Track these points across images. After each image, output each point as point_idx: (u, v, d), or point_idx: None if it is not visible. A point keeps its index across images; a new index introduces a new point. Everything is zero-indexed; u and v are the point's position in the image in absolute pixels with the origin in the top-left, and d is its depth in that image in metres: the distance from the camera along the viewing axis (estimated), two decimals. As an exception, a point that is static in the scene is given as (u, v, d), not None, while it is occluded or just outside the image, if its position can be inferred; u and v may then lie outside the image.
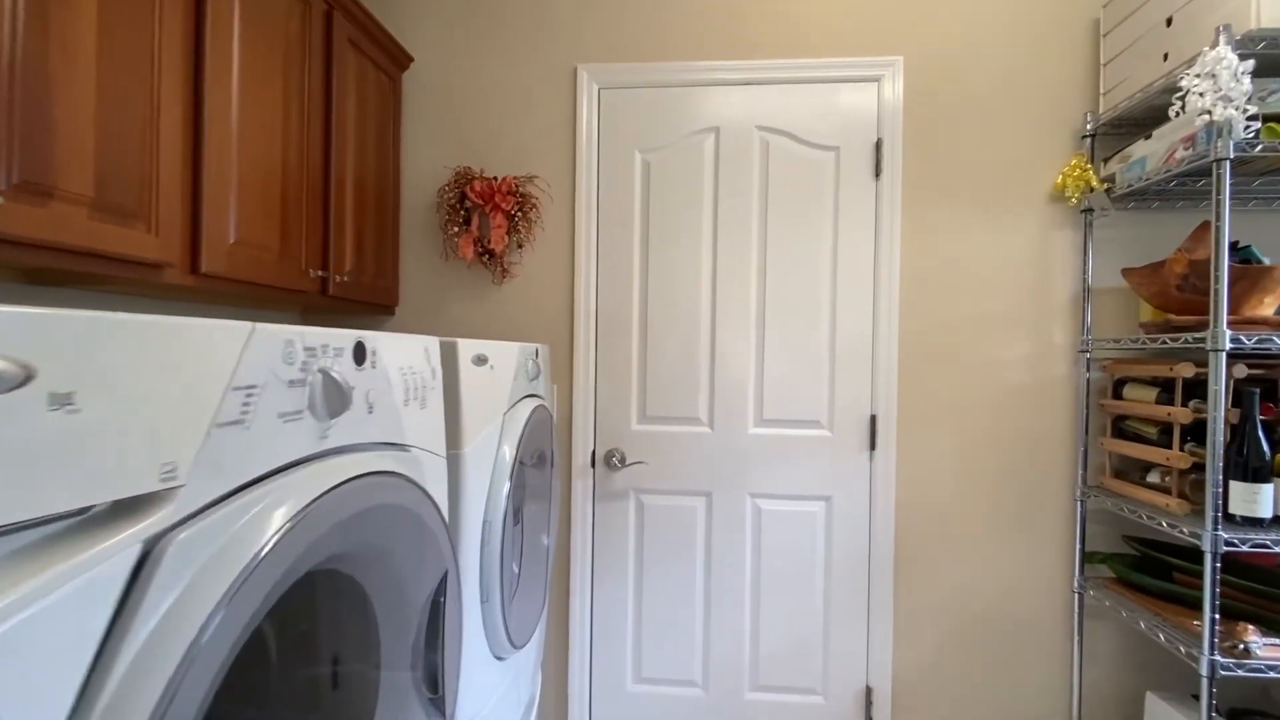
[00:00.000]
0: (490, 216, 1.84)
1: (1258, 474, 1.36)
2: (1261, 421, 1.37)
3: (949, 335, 1.82)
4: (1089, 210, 1.73)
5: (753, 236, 1.87)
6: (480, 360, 1.13)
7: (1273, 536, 1.28)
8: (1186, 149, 1.40)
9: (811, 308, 1.86)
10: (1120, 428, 1.69)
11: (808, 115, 1.85)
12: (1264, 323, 1.36)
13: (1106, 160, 1.70)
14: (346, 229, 1.63)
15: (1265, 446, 1.36)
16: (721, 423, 1.87)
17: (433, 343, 0.93)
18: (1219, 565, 1.28)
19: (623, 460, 1.89)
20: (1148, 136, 1.54)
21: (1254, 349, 1.30)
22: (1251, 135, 1.25)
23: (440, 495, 0.90)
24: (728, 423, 1.87)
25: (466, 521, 1.07)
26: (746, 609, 1.87)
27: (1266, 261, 1.53)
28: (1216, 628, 1.28)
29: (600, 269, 1.91)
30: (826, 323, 1.86)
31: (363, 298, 1.73)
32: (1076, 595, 1.74)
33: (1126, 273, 1.58)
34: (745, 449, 1.87)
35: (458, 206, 1.86)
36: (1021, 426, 1.80)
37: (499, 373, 1.22)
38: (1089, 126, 1.72)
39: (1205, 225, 1.42)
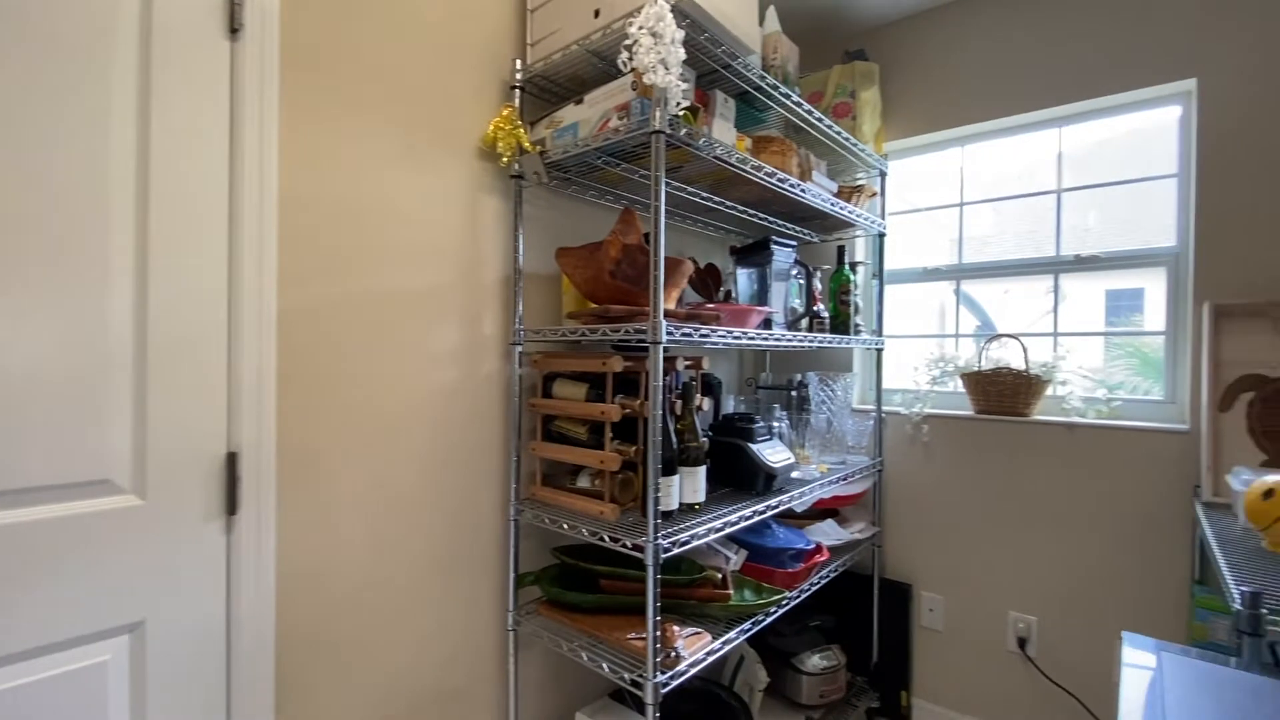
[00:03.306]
0: None
1: (668, 466, 1.36)
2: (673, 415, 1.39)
3: (361, 318, 1.22)
4: (519, 177, 1.47)
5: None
6: None
7: (693, 531, 1.26)
8: (621, 118, 1.26)
9: (70, 245, 0.90)
10: (549, 429, 1.50)
11: None
12: (672, 315, 1.36)
13: (534, 123, 1.47)
14: None
15: (674, 438, 1.37)
16: None
17: None
18: (660, 577, 1.18)
19: None
20: (579, 101, 1.36)
21: (679, 340, 1.25)
22: (681, 112, 1.18)
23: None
24: None
25: None
26: None
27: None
28: (658, 645, 1.17)
29: None
30: (127, 280, 0.94)
31: None
32: (511, 634, 1.47)
33: (562, 254, 1.37)
34: None
35: None
36: (456, 441, 1.39)
37: None
38: (518, 77, 1.45)
39: (630, 211, 1.34)
